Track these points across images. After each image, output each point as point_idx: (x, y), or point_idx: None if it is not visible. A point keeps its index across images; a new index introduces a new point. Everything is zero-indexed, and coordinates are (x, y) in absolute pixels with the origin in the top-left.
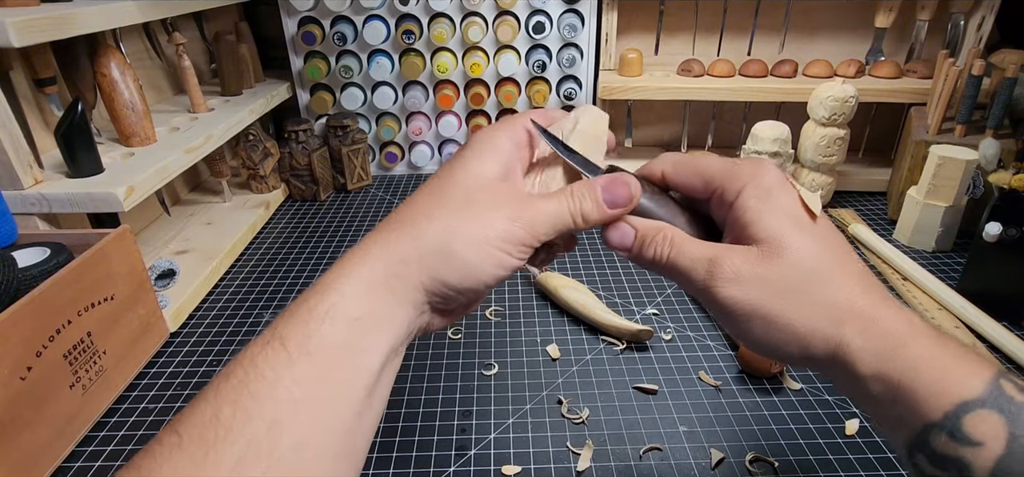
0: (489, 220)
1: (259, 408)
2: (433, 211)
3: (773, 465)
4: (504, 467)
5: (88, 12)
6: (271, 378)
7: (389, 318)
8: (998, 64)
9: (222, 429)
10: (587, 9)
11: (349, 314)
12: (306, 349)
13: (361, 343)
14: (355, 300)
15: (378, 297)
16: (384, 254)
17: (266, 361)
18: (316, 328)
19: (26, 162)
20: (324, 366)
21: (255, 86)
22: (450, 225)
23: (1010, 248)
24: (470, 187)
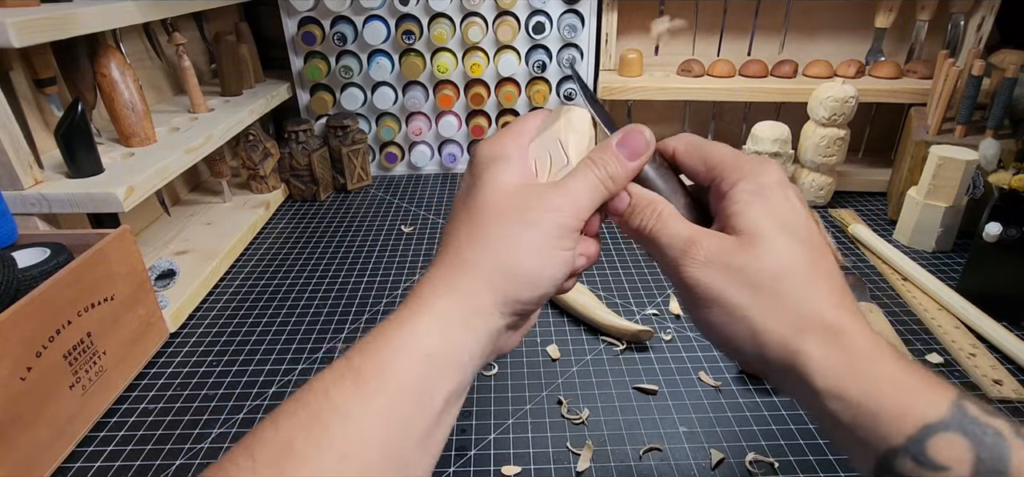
0: (536, 221)
1: (330, 441)
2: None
3: (773, 465)
4: (504, 467)
5: (88, 12)
6: (343, 412)
7: (460, 356)
8: (998, 64)
9: (296, 459)
10: (587, 9)
11: (423, 350)
12: (380, 385)
13: (431, 380)
14: (430, 337)
15: (452, 334)
16: (454, 291)
17: (340, 394)
18: (391, 365)
19: (26, 162)
20: (395, 402)
21: (255, 86)
22: (504, 243)
23: (1010, 248)
24: (502, 201)
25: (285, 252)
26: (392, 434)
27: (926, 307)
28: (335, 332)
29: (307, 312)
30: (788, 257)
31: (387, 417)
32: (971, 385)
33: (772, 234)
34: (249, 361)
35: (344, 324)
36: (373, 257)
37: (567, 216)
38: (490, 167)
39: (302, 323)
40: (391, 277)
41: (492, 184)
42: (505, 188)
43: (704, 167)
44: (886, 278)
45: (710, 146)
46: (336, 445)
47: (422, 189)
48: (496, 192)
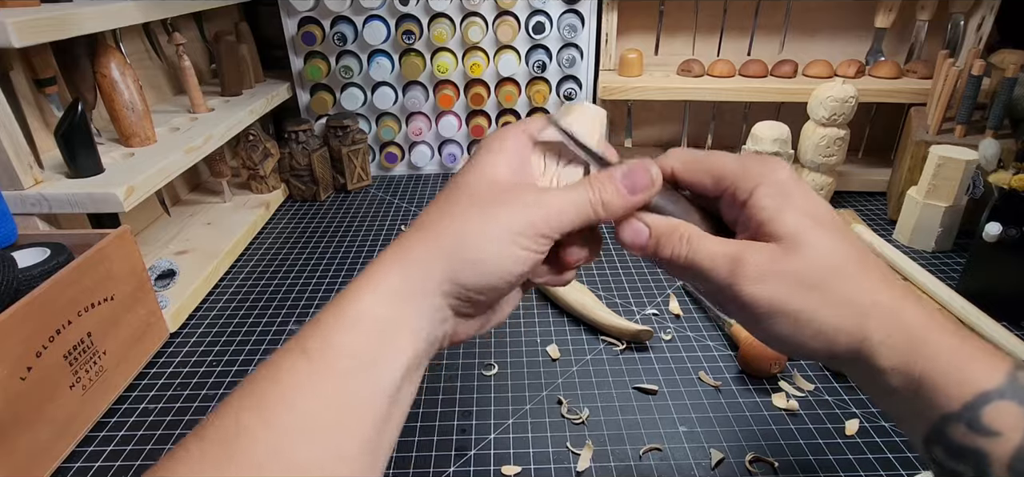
0: (502, 214)
1: (280, 417)
2: (446, 213)
3: (773, 465)
4: (504, 467)
5: (88, 12)
6: (293, 386)
7: (409, 327)
8: (998, 64)
9: (245, 437)
10: (587, 9)
11: (370, 325)
12: (327, 359)
13: (382, 352)
14: (375, 309)
15: (397, 305)
16: (400, 262)
17: (289, 370)
18: (337, 338)
19: (26, 162)
20: (345, 375)
21: (255, 86)
22: (464, 225)
23: (1010, 248)
24: (481, 187)
25: (285, 252)
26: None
27: None
28: None
29: (307, 312)
30: (832, 252)
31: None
32: None
33: (811, 233)
34: (249, 361)
35: None
36: (373, 257)
37: (536, 217)
38: (487, 156)
39: (302, 323)
40: None
41: (482, 172)
42: (492, 177)
43: (710, 179)
44: None
45: (710, 158)
46: (287, 423)
47: (422, 189)
48: (480, 178)
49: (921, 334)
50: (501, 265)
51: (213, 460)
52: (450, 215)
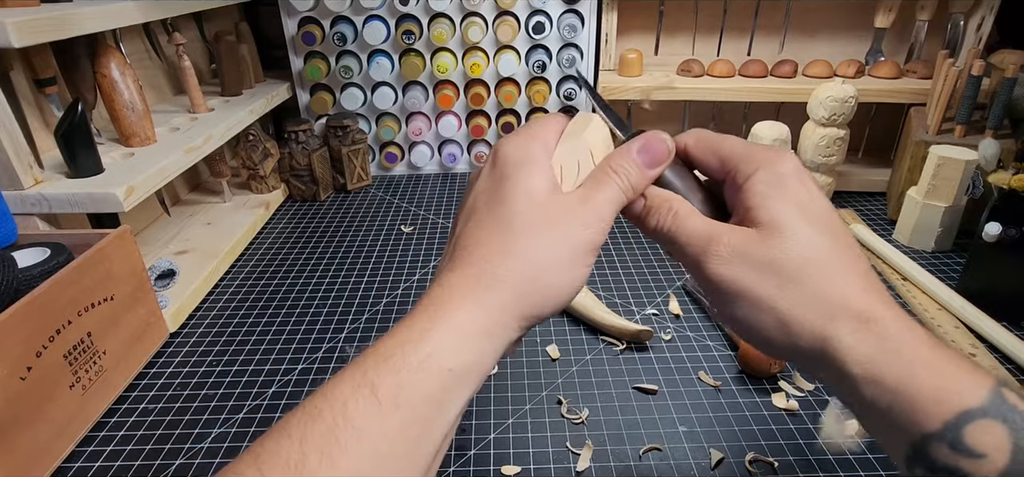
0: (566, 237)
1: (346, 461)
2: (512, 249)
3: (773, 465)
4: (504, 467)
5: (88, 12)
6: (359, 429)
7: (480, 367)
8: (998, 64)
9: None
10: (587, 9)
11: (443, 366)
12: (397, 402)
13: (450, 395)
14: (450, 351)
15: (474, 348)
16: (478, 301)
17: (357, 409)
18: (409, 378)
19: (26, 162)
20: (412, 418)
21: (255, 86)
22: (535, 257)
23: (1010, 248)
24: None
25: (285, 252)
26: (406, 451)
27: (926, 307)
28: (335, 332)
29: (307, 312)
30: (812, 245)
31: (403, 435)
32: None
33: (794, 223)
34: (249, 361)
35: (344, 324)
36: (373, 257)
37: (595, 233)
38: (519, 171)
39: (302, 323)
40: (391, 277)
41: (523, 191)
42: (536, 197)
43: (717, 161)
44: (886, 278)
45: (721, 139)
46: (350, 463)
47: (422, 189)
48: (528, 201)
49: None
50: (572, 287)
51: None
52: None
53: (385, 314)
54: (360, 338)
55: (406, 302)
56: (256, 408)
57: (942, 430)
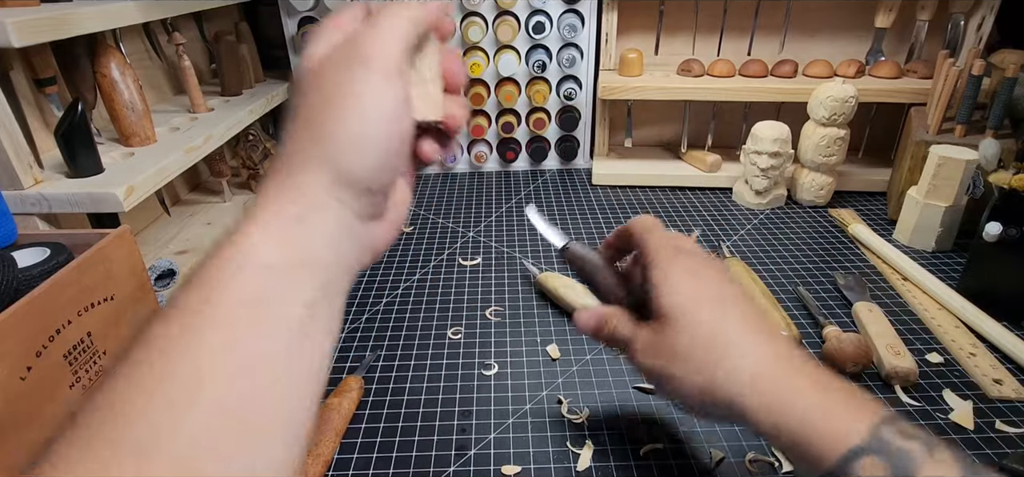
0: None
1: (161, 387)
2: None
3: (773, 465)
4: (504, 467)
5: (88, 12)
6: (169, 352)
7: (306, 258)
8: (998, 64)
9: (118, 417)
10: (587, 9)
11: (258, 264)
12: (205, 314)
13: (275, 296)
14: (262, 249)
15: (289, 238)
16: (281, 190)
17: (166, 334)
18: (219, 290)
19: (26, 162)
20: (231, 329)
21: (255, 86)
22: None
23: (1010, 248)
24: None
25: None
26: (237, 365)
27: (926, 307)
28: None
29: None
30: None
31: (227, 347)
32: (971, 385)
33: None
34: None
35: (344, 324)
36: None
37: (373, 50)
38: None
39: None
40: (391, 277)
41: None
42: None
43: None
44: (886, 278)
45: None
46: (166, 390)
47: (422, 189)
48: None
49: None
50: (375, 126)
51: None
52: (306, 119)
53: (385, 314)
54: (360, 338)
55: (406, 302)
56: None
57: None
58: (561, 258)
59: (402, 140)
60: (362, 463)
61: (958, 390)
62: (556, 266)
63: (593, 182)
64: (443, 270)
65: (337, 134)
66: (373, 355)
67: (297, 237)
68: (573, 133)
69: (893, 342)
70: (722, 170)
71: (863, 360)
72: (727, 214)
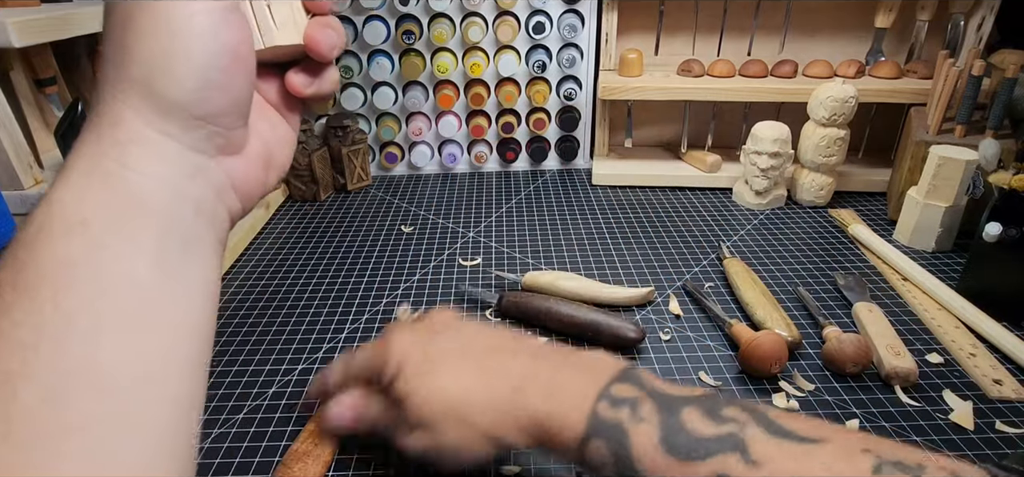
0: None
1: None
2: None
3: None
4: (504, 467)
5: (88, 12)
6: None
7: (135, 201)
8: (998, 64)
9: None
10: (587, 9)
11: (69, 220)
12: (17, 285)
13: (103, 249)
14: (73, 201)
15: (106, 183)
16: (91, 132)
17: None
18: (27, 255)
19: (26, 162)
20: (53, 294)
21: None
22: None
23: (1010, 248)
24: None
25: (285, 252)
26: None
27: (926, 307)
28: (335, 332)
29: (307, 312)
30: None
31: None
32: (971, 385)
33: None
34: (249, 361)
35: (344, 324)
36: (373, 257)
37: None
38: None
39: (302, 323)
40: (391, 277)
41: None
42: None
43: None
44: (886, 278)
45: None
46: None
47: (422, 189)
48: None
49: (537, 416)
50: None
51: None
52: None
53: (385, 314)
54: (360, 338)
55: (407, 301)
56: (256, 408)
57: (576, 455)
58: None
59: (232, 55)
60: (362, 463)
61: (958, 390)
62: (542, 265)
63: (593, 182)
64: (443, 270)
65: (141, 52)
66: None
67: (115, 180)
68: (573, 133)
69: (893, 342)
70: (722, 170)
71: (863, 360)
72: (727, 214)
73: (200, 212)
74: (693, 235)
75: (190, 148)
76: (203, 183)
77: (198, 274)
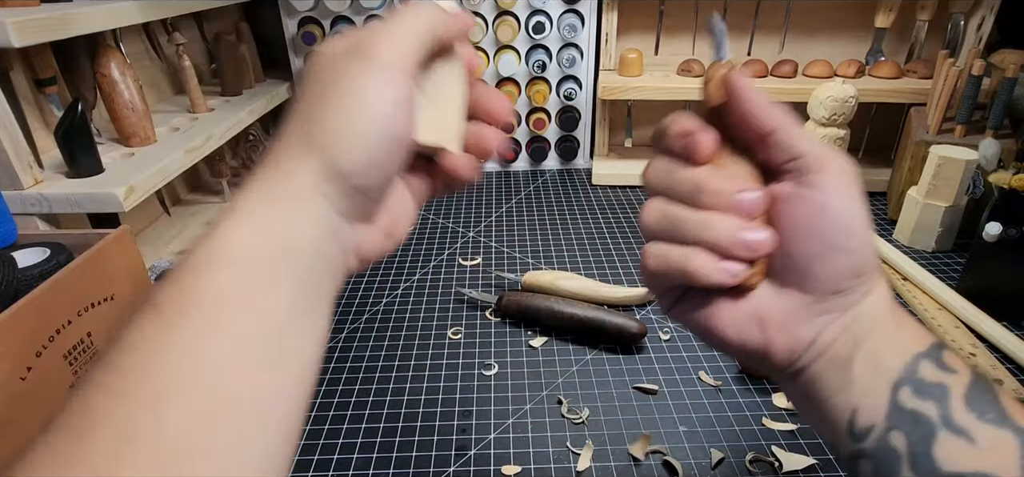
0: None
1: (132, 385)
2: (298, 109)
3: (773, 465)
4: (504, 467)
5: (88, 12)
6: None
7: (284, 250)
8: (998, 64)
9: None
10: (587, 9)
11: (230, 257)
12: (182, 309)
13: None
14: (237, 240)
15: (265, 230)
16: (262, 179)
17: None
18: (191, 283)
19: (26, 162)
20: (207, 325)
21: (255, 86)
22: (314, 104)
23: (1010, 248)
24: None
25: None
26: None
27: (926, 307)
28: (335, 332)
29: None
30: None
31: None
32: None
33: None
34: None
35: (344, 324)
36: None
37: (378, 52)
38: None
39: None
40: (391, 277)
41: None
42: (329, 56)
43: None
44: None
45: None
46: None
47: None
48: (319, 64)
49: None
50: (366, 119)
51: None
52: (298, 111)
53: (385, 314)
54: (360, 338)
55: (406, 302)
56: None
57: (929, 349)
58: None
59: (398, 142)
60: (362, 463)
61: None
62: (542, 265)
63: (593, 182)
64: (443, 270)
65: (328, 123)
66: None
67: (276, 226)
68: (573, 133)
69: None
70: None
71: None
72: None
73: (329, 268)
74: None
75: (338, 211)
76: (337, 243)
77: (317, 322)
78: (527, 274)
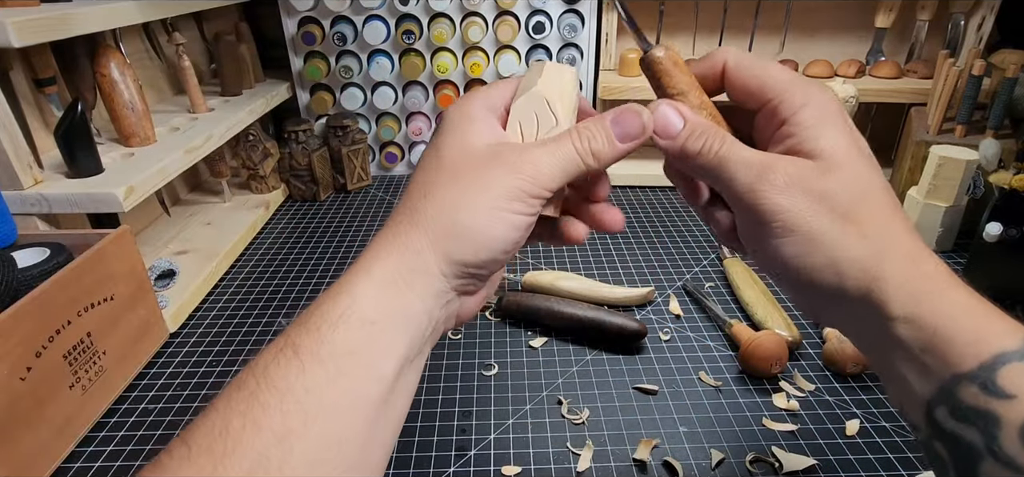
0: (488, 181)
1: (269, 420)
2: (434, 192)
3: (773, 465)
4: (504, 467)
5: (88, 12)
6: (282, 388)
7: (406, 317)
8: (998, 64)
9: (231, 442)
10: (587, 9)
11: (363, 316)
12: (318, 356)
13: (376, 347)
14: (369, 301)
15: (394, 295)
16: (395, 248)
17: (278, 370)
18: (328, 333)
19: (26, 162)
20: (336, 373)
21: (255, 86)
22: (451, 199)
23: (1010, 248)
24: (458, 158)
25: (285, 252)
26: (336, 406)
27: None
28: None
29: None
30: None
31: (331, 390)
32: None
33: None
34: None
35: None
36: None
37: (523, 179)
38: (457, 126)
39: None
40: None
41: (456, 142)
42: (469, 146)
43: (758, 85)
44: None
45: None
46: (276, 424)
47: None
48: (459, 149)
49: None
50: (495, 234)
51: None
52: (434, 196)
53: None
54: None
55: None
56: None
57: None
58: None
59: (514, 248)
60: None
61: None
62: (542, 264)
63: None
64: None
65: (460, 222)
66: None
67: (399, 295)
68: None
69: None
70: None
71: (863, 360)
72: None
73: (436, 333)
74: (693, 235)
75: (451, 288)
76: (444, 311)
77: (413, 380)
78: (527, 274)
